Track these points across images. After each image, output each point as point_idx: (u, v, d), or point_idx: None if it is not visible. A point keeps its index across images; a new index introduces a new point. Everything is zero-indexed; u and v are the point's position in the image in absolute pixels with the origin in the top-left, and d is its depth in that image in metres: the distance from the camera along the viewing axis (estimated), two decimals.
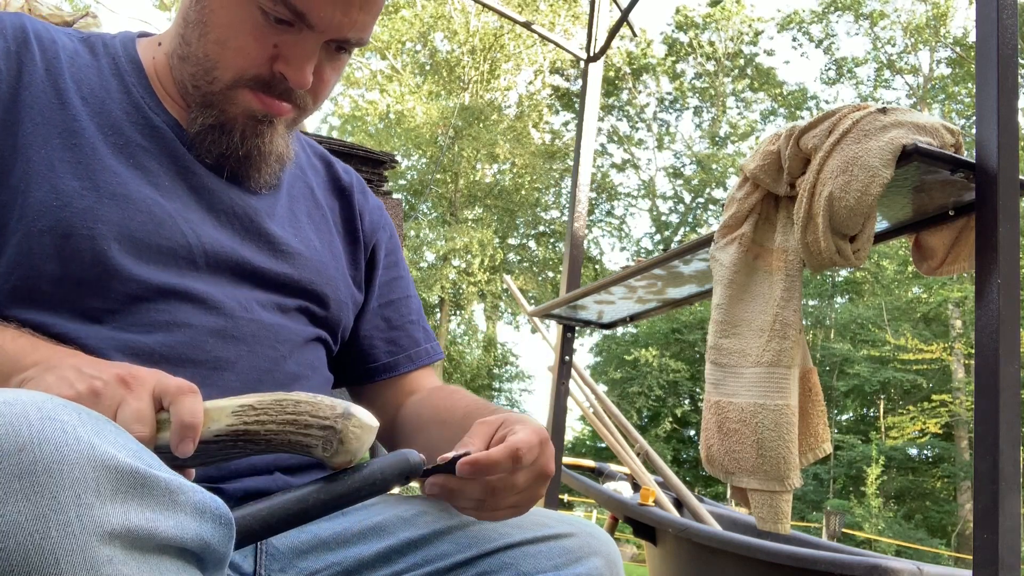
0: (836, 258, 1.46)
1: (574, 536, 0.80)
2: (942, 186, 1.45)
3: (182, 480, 0.51)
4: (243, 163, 0.88)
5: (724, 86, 25.54)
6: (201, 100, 0.86)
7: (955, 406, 17.93)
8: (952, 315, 19.29)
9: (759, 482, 1.52)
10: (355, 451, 0.64)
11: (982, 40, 1.37)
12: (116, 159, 0.82)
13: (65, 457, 0.45)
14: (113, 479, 0.46)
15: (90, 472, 0.45)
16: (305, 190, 1.00)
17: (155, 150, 0.85)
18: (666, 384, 20.50)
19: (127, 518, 0.46)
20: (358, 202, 1.06)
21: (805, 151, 1.50)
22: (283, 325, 0.89)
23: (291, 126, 0.91)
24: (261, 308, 0.87)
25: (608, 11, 3.02)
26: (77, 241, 0.77)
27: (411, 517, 0.82)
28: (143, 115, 0.87)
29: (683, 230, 25.01)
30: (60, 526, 0.44)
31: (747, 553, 1.94)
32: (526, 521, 0.80)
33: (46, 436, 0.45)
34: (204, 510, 0.51)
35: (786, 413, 1.49)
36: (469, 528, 0.80)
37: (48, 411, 0.47)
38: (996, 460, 1.21)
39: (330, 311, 0.95)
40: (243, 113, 0.85)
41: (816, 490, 18.61)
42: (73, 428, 0.46)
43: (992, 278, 1.28)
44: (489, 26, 22.77)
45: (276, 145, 0.89)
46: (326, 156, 1.09)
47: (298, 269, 0.92)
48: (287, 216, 0.95)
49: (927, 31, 22.01)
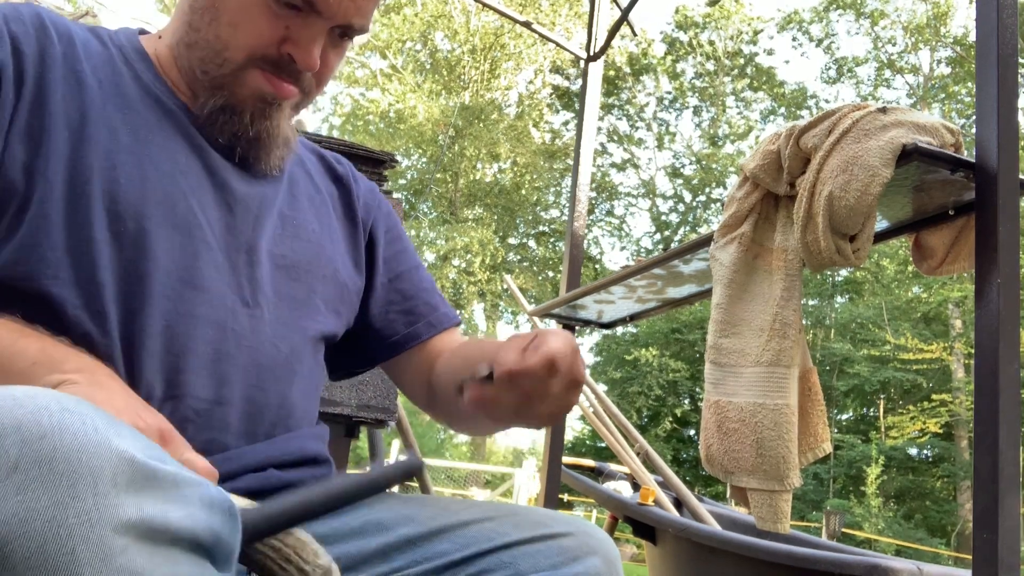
0: (836, 257, 1.46)
1: (572, 535, 0.80)
2: (942, 186, 1.45)
3: (191, 474, 0.52)
4: (253, 145, 0.89)
5: (724, 85, 25.53)
6: (210, 83, 0.87)
7: (955, 406, 17.92)
8: (952, 315, 19.28)
9: (759, 482, 1.52)
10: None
11: (982, 40, 1.37)
12: (133, 138, 0.84)
13: (84, 447, 0.46)
14: (128, 471, 0.47)
15: (107, 463, 0.46)
16: (304, 175, 1.02)
17: (170, 130, 0.87)
18: (666, 384, 20.49)
19: (141, 509, 0.47)
20: (353, 187, 1.08)
21: (805, 150, 1.50)
22: (285, 321, 0.90)
23: (295, 110, 0.93)
24: (266, 299, 0.88)
25: (608, 10, 3.02)
26: (123, 209, 0.80)
27: (410, 514, 0.83)
28: (155, 98, 0.88)
29: (683, 229, 25.00)
30: (78, 514, 0.44)
31: (747, 553, 1.94)
32: (524, 521, 0.81)
33: (66, 425, 0.46)
34: (213, 503, 0.52)
35: (786, 413, 1.49)
36: (468, 527, 0.80)
37: (67, 404, 0.48)
38: (996, 460, 1.21)
39: (332, 293, 0.97)
40: (252, 95, 0.87)
41: (816, 490, 18.60)
42: (92, 421, 0.48)
43: (992, 278, 1.28)
44: (489, 25, 22.76)
45: (283, 128, 0.91)
46: (316, 149, 1.12)
47: (299, 252, 0.94)
48: (288, 200, 0.96)
49: (927, 30, 22.00)
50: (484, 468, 17.66)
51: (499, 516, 0.82)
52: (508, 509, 0.84)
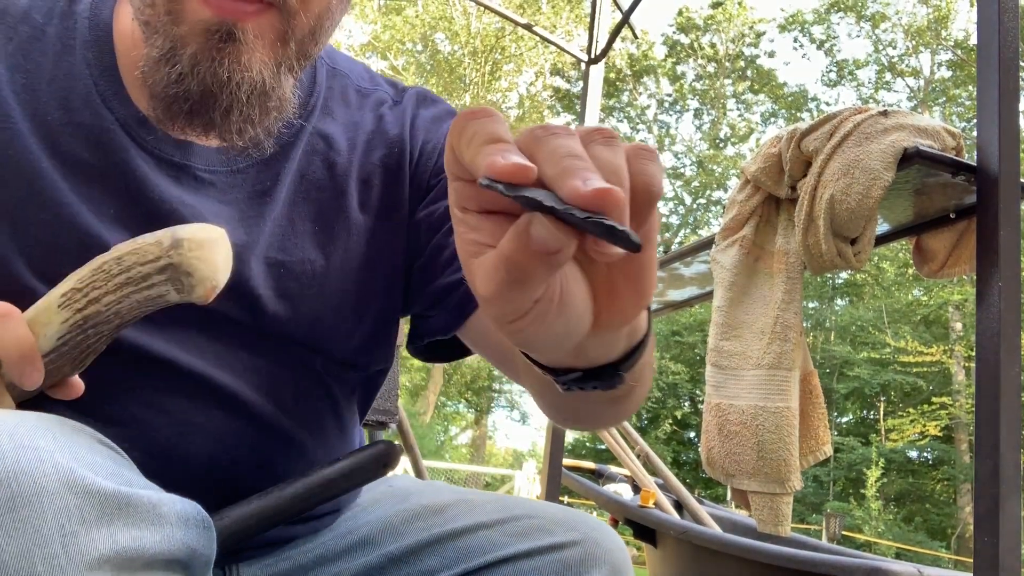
0: (837, 260, 1.46)
1: (577, 545, 0.71)
2: (943, 189, 1.45)
3: (161, 493, 0.49)
4: (202, 108, 0.64)
5: (724, 88, 25.56)
6: (149, 34, 0.64)
7: (955, 409, 17.93)
8: (952, 317, 19.28)
9: (759, 484, 1.52)
10: (211, 275, 0.55)
11: (983, 43, 1.37)
12: (50, 181, 0.65)
13: (44, 488, 0.43)
14: (97, 503, 0.45)
15: (72, 500, 0.44)
16: (320, 170, 0.75)
17: (100, 164, 0.67)
18: (666, 386, 20.49)
19: (114, 541, 0.45)
20: (410, 148, 0.79)
21: (806, 154, 1.50)
22: (253, 413, 0.71)
23: (277, 46, 0.65)
24: (225, 385, 0.69)
25: (610, 13, 3.02)
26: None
27: (400, 525, 0.76)
28: (93, 110, 0.68)
29: (684, 232, 25.02)
30: (46, 559, 0.42)
31: (747, 555, 1.93)
32: (524, 527, 0.73)
33: (22, 467, 0.43)
34: (188, 519, 0.50)
35: (787, 415, 1.49)
36: (460, 538, 0.73)
37: (21, 438, 0.44)
38: (997, 463, 1.21)
39: (334, 362, 0.76)
40: (192, 30, 0.62)
41: (816, 492, 18.59)
42: (50, 455, 0.44)
43: (993, 281, 1.28)
44: (490, 27, 22.79)
45: (251, 73, 0.63)
46: (375, 92, 0.81)
47: (283, 316, 0.71)
48: (281, 228, 0.72)
49: (928, 33, 22.01)
50: (484, 470, 17.66)
51: (497, 522, 0.74)
52: (508, 511, 0.75)
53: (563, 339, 0.41)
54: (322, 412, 0.76)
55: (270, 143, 0.70)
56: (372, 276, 0.76)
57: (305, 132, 0.75)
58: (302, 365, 0.73)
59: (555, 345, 0.42)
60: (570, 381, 0.48)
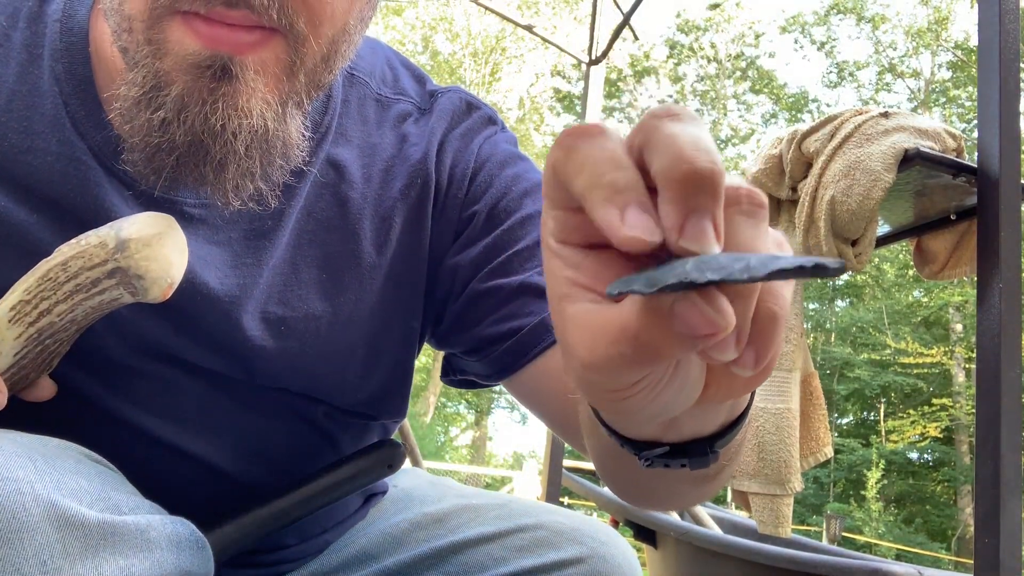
0: None
1: (582, 563, 0.66)
2: (944, 190, 1.45)
3: (151, 517, 0.47)
4: (191, 161, 0.52)
5: (725, 88, 25.57)
6: (129, 66, 0.52)
7: (955, 410, 17.92)
8: (953, 319, 19.28)
9: (760, 486, 1.52)
10: (164, 273, 0.50)
11: (984, 44, 1.37)
12: (8, 217, 0.57)
13: (24, 524, 0.41)
14: (80, 535, 0.42)
15: (53, 534, 0.41)
16: (331, 207, 0.64)
17: (67, 198, 0.57)
18: None
19: (99, 573, 0.43)
20: (436, 176, 0.67)
21: (807, 155, 1.50)
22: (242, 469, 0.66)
23: (283, 80, 0.53)
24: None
25: (611, 13, 3.02)
26: None
27: (400, 535, 0.73)
28: (61, 136, 0.57)
29: None
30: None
31: (747, 557, 1.93)
32: (529, 540, 0.68)
33: (1, 502, 0.41)
34: (180, 541, 0.48)
35: (787, 417, 1.49)
36: (462, 551, 0.69)
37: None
38: (997, 465, 1.21)
39: (339, 410, 0.69)
40: (178, 65, 0.50)
41: (816, 494, 18.58)
42: (30, 486, 0.42)
43: (994, 282, 1.28)
44: (491, 28, 22.80)
45: (251, 119, 0.52)
46: (398, 103, 0.69)
47: (280, 373, 0.63)
48: (282, 276, 0.62)
49: (928, 35, 22.02)
50: (484, 471, 17.65)
51: (500, 533, 0.69)
52: (513, 519, 0.71)
53: (663, 413, 0.33)
54: (320, 457, 0.69)
55: (275, 195, 0.58)
56: (387, 327, 0.67)
57: (316, 160, 0.63)
58: (299, 416, 0.67)
59: (649, 418, 0.34)
60: (655, 457, 0.39)
